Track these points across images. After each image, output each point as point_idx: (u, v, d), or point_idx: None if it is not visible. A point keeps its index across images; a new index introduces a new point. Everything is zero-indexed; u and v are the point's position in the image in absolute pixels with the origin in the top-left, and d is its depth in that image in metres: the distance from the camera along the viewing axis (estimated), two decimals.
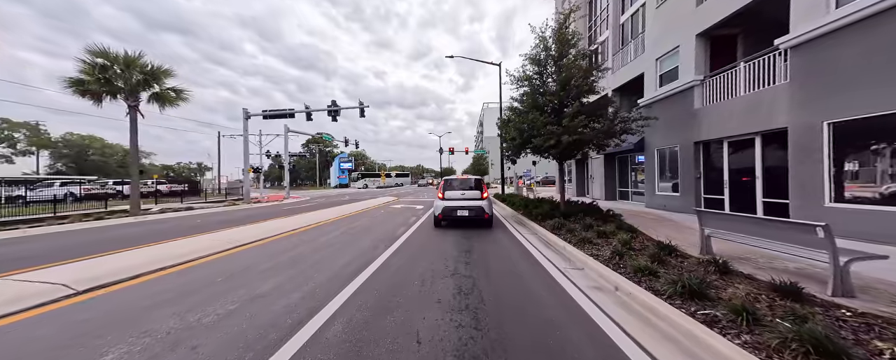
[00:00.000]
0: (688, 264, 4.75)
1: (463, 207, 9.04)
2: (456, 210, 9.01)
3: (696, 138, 10.32)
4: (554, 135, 8.79)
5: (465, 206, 9.05)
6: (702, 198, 10.32)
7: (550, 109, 9.72)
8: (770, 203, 8.11)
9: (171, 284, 4.47)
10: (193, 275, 4.88)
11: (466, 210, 8.97)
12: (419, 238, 7.76)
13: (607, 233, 6.91)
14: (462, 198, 9.46)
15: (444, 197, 9.60)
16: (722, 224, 4.91)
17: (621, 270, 4.58)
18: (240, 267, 5.30)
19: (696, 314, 3.12)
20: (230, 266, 5.36)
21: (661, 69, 12.26)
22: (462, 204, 9.13)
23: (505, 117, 11.33)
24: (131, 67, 12.91)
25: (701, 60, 10.34)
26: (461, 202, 9.23)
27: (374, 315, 3.33)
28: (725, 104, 9.29)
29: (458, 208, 9.04)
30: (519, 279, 4.53)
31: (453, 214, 9.01)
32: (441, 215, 9.09)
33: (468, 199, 9.39)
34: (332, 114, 20.77)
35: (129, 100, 13.44)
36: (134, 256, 5.88)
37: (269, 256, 6.07)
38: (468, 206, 9.04)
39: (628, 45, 15.20)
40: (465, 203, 9.16)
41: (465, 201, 9.32)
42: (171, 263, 5.41)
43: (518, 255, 6.01)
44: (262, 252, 6.42)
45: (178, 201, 24.79)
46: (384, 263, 5.48)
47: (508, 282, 4.41)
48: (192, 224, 10.97)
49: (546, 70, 10.03)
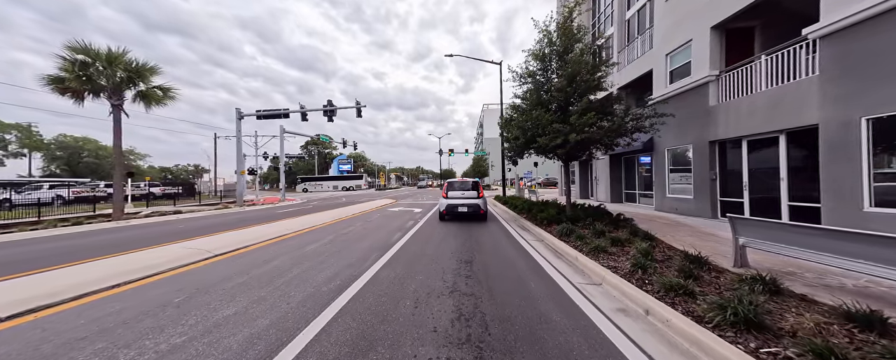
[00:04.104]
0: (725, 280, 4.09)
1: (463, 204, 10.78)
2: (457, 207, 10.79)
3: (711, 137, 9.68)
4: (560, 133, 8.16)
5: (465, 203, 10.77)
6: (718, 201, 9.67)
7: (556, 106, 9.09)
8: (798, 207, 7.46)
9: (119, 306, 3.80)
10: (149, 294, 4.22)
11: (466, 207, 10.73)
12: (415, 246, 7.11)
13: (622, 240, 6.25)
14: (462, 197, 11.18)
15: (448, 196, 11.35)
16: (763, 234, 4.25)
17: (648, 287, 3.92)
18: (208, 283, 4.63)
19: (759, 353, 2.46)
20: (195, 282, 4.70)
21: (672, 65, 11.63)
22: (462, 202, 10.87)
23: (507, 116, 10.70)
24: (114, 63, 12.25)
25: (716, 55, 9.72)
26: (461, 200, 10.97)
27: (353, 353, 2.67)
28: (744, 101, 8.66)
29: (458, 205, 10.81)
30: (529, 300, 3.87)
31: (455, 210, 10.79)
32: (445, 210, 10.92)
33: (467, 198, 11.13)
34: (327, 114, 20.13)
35: (113, 98, 12.78)
36: (89, 270, 5.20)
37: (244, 269, 5.41)
38: (467, 203, 10.77)
39: (634, 41, 14.59)
40: (465, 201, 10.89)
41: (464, 199, 11.04)
42: (129, 278, 4.75)
43: (525, 266, 5.35)
44: (237, 264, 5.75)
45: (170, 204, 24.16)
46: (374, 277, 4.82)
47: (517, 303, 3.74)
48: (173, 230, 10.30)
49: (550, 66, 9.42)
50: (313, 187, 55.79)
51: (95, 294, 4.17)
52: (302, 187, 56.93)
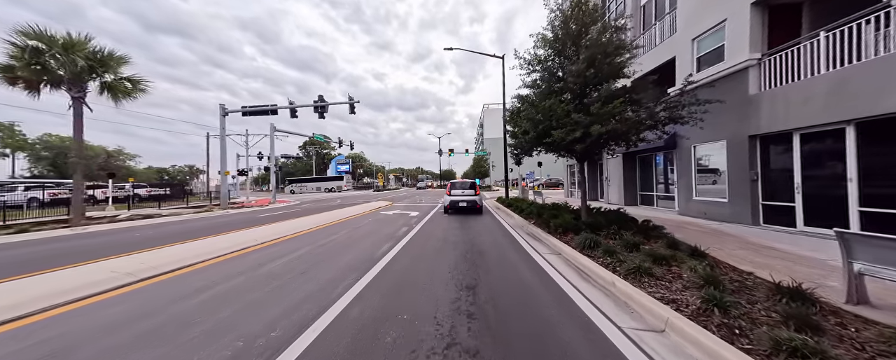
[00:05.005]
0: (855, 330, 2.76)
1: (462, 200, 13.45)
2: (458, 202, 13.40)
3: (751, 131, 8.35)
4: (579, 126, 6.83)
5: (464, 200, 13.44)
6: (760, 205, 8.33)
7: (571, 95, 7.78)
8: (872, 214, 6.11)
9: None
10: (11, 347, 2.89)
11: (465, 202, 13.39)
12: (406, 260, 5.79)
13: (665, 257, 4.90)
14: (462, 194, 13.83)
15: (451, 194, 13.95)
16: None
17: (743, 341, 2.61)
18: (115, 321, 3.31)
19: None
20: (92, 323, 3.36)
21: (699, 51, 10.31)
22: (462, 198, 13.52)
23: (514, 108, 9.36)
24: (72, 51, 10.92)
25: (758, 35, 8.38)
26: (461, 197, 13.60)
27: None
28: (796, 87, 7.33)
29: (459, 200, 13.43)
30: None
31: (457, 204, 13.41)
32: (449, 205, 13.52)
33: (466, 195, 13.78)
34: (318, 110, 18.80)
35: (73, 90, 11.47)
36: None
37: (178, 297, 4.08)
38: (466, 200, 13.45)
39: (652, 28, 13.26)
40: (464, 198, 13.56)
41: (464, 196, 13.67)
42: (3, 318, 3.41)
43: (548, 298, 4.01)
44: (172, 289, 4.43)
45: (156, 207, 22.89)
46: (342, 313, 3.50)
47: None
48: (126, 240, 8.87)
49: (565, 50, 8.08)
50: (299, 189, 56.34)
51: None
52: (289, 188, 57.52)
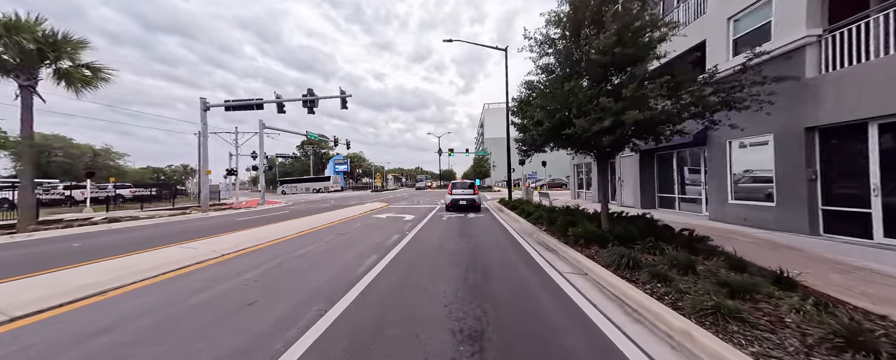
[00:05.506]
0: None
1: (462, 198, 14.48)
2: (459, 200, 14.44)
3: (809, 122, 7.01)
4: (609, 113, 5.50)
5: (464, 198, 14.51)
6: (819, 211, 6.98)
7: (592, 78, 6.48)
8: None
9: None
10: None
11: (465, 200, 14.42)
12: (393, 277, 4.47)
13: (746, 287, 3.57)
14: (462, 193, 14.86)
15: (452, 193, 15.01)
16: None
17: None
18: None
19: None
20: None
21: (736, 32, 8.96)
22: (462, 197, 14.56)
23: (523, 96, 8.02)
24: (15, 33, 9.55)
25: (816, 8, 7.04)
26: (462, 196, 14.64)
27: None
28: (869, 68, 6.01)
29: (460, 199, 14.48)
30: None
31: (457, 203, 14.42)
32: (450, 203, 14.62)
33: (466, 194, 14.79)
34: (307, 104, 17.43)
35: (21, 78, 10.12)
36: None
37: (71, 340, 2.74)
38: (465, 198, 14.48)
39: (676, 9, 11.93)
40: (464, 196, 14.59)
41: (464, 195, 14.71)
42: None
43: (586, 354, 2.67)
44: (66, 329, 3.08)
45: (138, 208, 21.63)
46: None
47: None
48: (63, 250, 7.53)
49: (581, 29, 6.73)
50: (290, 189, 56.63)
51: None
52: (281, 189, 57.94)
